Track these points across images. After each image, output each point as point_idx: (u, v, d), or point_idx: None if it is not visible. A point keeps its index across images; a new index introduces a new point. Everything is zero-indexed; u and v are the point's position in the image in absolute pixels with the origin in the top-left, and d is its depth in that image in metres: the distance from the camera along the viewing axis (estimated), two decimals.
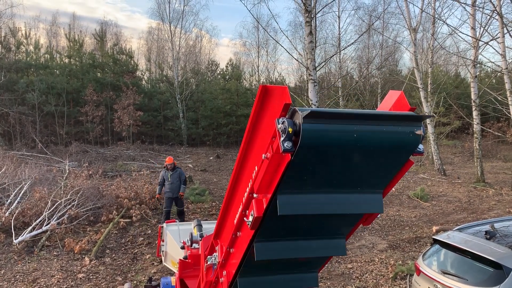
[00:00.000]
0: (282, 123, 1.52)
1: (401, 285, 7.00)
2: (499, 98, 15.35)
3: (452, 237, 5.34)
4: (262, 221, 1.86)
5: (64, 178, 13.37)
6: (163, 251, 6.26)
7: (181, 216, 10.51)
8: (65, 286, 7.21)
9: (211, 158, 23.52)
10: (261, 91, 1.73)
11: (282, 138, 1.52)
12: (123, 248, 9.05)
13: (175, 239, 5.73)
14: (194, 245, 4.08)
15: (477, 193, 14.54)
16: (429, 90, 20.89)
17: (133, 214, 10.60)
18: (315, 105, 11.80)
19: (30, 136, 23.16)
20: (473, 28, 15.77)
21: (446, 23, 17.09)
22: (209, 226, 4.45)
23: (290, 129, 1.50)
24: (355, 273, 7.58)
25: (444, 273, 4.90)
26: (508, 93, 14.07)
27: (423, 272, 5.22)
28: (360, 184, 1.79)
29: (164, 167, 10.72)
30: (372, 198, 1.85)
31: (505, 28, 13.61)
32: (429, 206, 12.68)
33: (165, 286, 4.76)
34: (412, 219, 11.28)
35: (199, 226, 4.53)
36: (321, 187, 1.74)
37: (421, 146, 1.70)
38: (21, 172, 12.53)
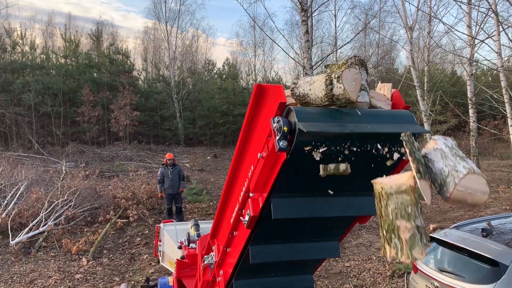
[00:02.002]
0: (277, 122, 1.51)
1: (398, 283, 7.01)
2: (495, 96, 15.34)
3: (449, 235, 5.34)
4: (257, 221, 1.85)
5: (61, 178, 13.32)
6: (160, 251, 6.25)
7: (180, 215, 10.51)
8: (62, 287, 7.19)
9: (208, 157, 23.48)
10: (256, 90, 1.72)
11: (277, 137, 1.51)
12: (120, 249, 9.03)
13: (173, 239, 5.72)
14: (191, 244, 4.08)
15: None
16: (425, 88, 20.90)
17: (131, 215, 10.57)
18: None
19: (27, 136, 23.07)
20: (469, 26, 15.78)
21: (442, 22, 17.15)
22: (207, 226, 4.45)
23: (285, 128, 1.49)
24: (352, 271, 7.59)
25: (441, 270, 4.91)
26: (504, 91, 14.08)
27: (420, 270, 5.23)
28: (354, 187, 1.79)
29: (163, 164, 10.69)
30: (365, 201, 1.86)
31: (500, 26, 13.61)
32: (426, 204, 12.70)
33: (162, 286, 4.76)
34: None
35: (197, 225, 4.53)
36: (317, 188, 1.73)
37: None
38: (17, 173, 12.48)
